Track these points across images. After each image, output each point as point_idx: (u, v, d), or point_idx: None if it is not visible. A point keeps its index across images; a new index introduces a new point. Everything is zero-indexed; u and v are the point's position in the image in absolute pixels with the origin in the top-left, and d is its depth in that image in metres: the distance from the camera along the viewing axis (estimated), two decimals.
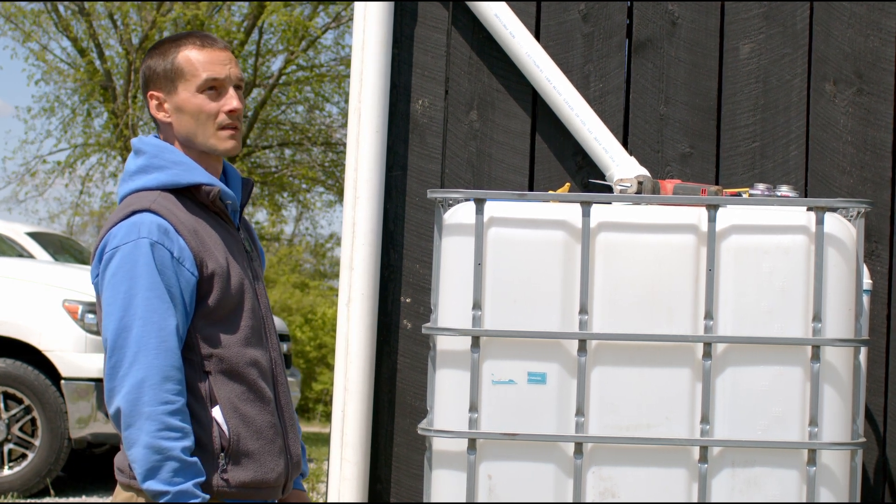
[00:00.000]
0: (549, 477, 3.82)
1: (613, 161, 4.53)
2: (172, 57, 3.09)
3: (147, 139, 3.11)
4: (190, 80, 3.07)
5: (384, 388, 4.75)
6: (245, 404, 2.99)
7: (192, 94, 3.07)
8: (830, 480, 3.78)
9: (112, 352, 2.89)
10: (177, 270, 2.93)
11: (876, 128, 4.65)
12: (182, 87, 3.07)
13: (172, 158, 3.05)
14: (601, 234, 3.83)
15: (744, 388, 3.78)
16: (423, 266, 4.73)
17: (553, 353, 3.82)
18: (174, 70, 3.08)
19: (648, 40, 4.74)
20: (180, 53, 3.08)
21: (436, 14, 4.82)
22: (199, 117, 3.07)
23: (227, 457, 2.95)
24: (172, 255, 2.94)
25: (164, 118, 3.09)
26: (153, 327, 2.88)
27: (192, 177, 3.04)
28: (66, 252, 11.21)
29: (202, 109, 3.07)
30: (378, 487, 4.73)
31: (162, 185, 3.02)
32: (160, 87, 3.08)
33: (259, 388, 3.03)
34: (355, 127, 4.72)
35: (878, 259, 4.62)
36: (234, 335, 3.01)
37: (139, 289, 2.90)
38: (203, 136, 3.07)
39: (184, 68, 3.07)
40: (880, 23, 4.68)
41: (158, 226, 2.94)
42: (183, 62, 3.08)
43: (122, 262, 2.92)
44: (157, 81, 3.09)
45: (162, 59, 3.09)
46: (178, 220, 2.97)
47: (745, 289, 3.79)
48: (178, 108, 3.07)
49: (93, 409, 8.66)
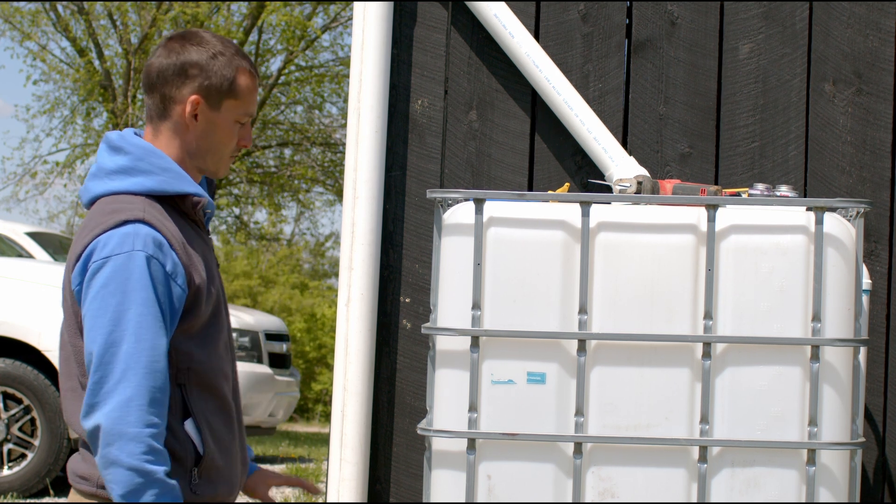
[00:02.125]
0: (549, 477, 3.82)
1: (613, 161, 4.53)
2: (232, 73, 2.93)
3: (129, 137, 2.94)
4: (238, 106, 2.94)
5: (384, 388, 4.75)
6: (215, 418, 2.92)
7: (231, 120, 2.94)
8: (830, 480, 3.78)
9: (98, 366, 2.75)
10: (170, 286, 2.81)
11: (875, 128, 4.65)
12: (227, 107, 2.93)
13: (161, 164, 2.89)
14: (600, 234, 3.83)
15: (743, 387, 3.78)
16: (422, 266, 4.73)
17: (552, 353, 3.82)
18: (231, 88, 2.93)
19: (648, 40, 4.74)
20: (239, 73, 2.94)
21: (435, 14, 4.82)
22: (223, 143, 2.95)
23: (198, 472, 2.88)
24: (166, 270, 2.81)
25: (189, 124, 2.92)
26: (145, 345, 2.76)
27: (181, 186, 2.90)
28: (65, 252, 11.21)
29: (230, 139, 2.95)
30: (377, 487, 4.73)
31: (147, 191, 2.87)
32: (205, 95, 2.91)
33: (228, 403, 2.97)
34: (355, 127, 4.72)
35: (878, 259, 4.62)
36: (210, 348, 2.93)
37: (132, 303, 2.76)
38: (213, 160, 2.96)
39: (239, 92, 2.93)
40: (879, 23, 4.68)
41: (154, 239, 2.80)
42: (242, 85, 2.94)
43: (113, 273, 2.77)
44: (205, 88, 2.91)
45: (222, 68, 2.92)
46: (169, 233, 2.84)
47: (745, 289, 3.79)
48: (210, 124, 2.93)
49: None
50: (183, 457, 2.84)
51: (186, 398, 2.87)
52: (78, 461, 2.89)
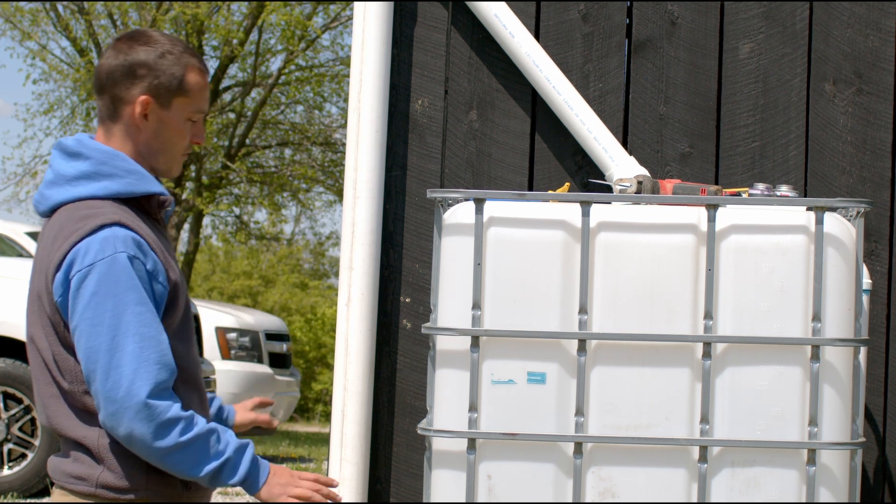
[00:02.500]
0: (549, 477, 3.82)
1: (613, 161, 4.53)
2: (181, 71, 2.94)
3: (87, 142, 2.93)
4: (188, 104, 2.95)
5: (384, 388, 4.75)
6: (199, 411, 2.94)
7: (182, 118, 2.95)
8: (830, 480, 3.78)
9: (107, 373, 2.75)
10: (153, 285, 2.83)
11: (875, 128, 4.65)
12: (177, 105, 2.94)
13: (125, 167, 2.89)
14: (601, 233, 3.83)
15: (743, 387, 3.78)
16: (422, 266, 4.73)
17: (553, 353, 3.82)
18: (181, 86, 2.94)
19: (648, 40, 4.74)
20: (188, 71, 2.95)
21: (435, 14, 4.82)
22: (174, 142, 2.96)
23: None
24: (147, 269, 2.82)
25: (139, 124, 2.93)
26: (150, 343, 2.78)
27: (148, 186, 2.91)
28: None
29: (181, 137, 2.96)
30: (378, 487, 4.73)
31: (114, 195, 2.87)
32: (154, 94, 2.92)
33: (204, 395, 3.00)
34: (355, 127, 4.72)
35: (878, 259, 4.62)
36: (188, 342, 2.95)
37: (127, 304, 2.77)
38: (165, 159, 2.96)
39: (189, 90, 2.94)
40: (880, 23, 4.68)
41: (133, 239, 2.81)
42: (192, 83, 2.95)
43: (101, 279, 2.77)
44: (155, 87, 2.92)
45: (171, 67, 2.93)
46: (144, 233, 2.86)
47: (745, 288, 3.79)
48: (161, 123, 2.94)
49: None
50: None
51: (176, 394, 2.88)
52: (68, 462, 2.88)
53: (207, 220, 22.85)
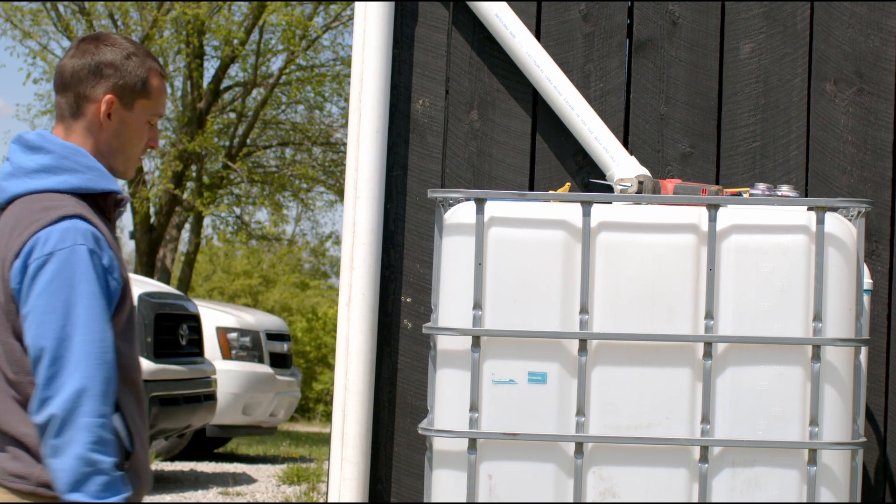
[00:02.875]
0: (550, 477, 3.82)
1: (614, 161, 4.53)
2: (145, 73, 3.00)
3: (49, 137, 2.97)
4: (150, 107, 3.01)
5: (385, 388, 4.75)
6: (136, 412, 2.95)
7: (143, 120, 3.01)
8: (831, 480, 3.78)
9: (51, 361, 2.77)
10: (108, 280, 2.86)
11: (876, 128, 4.65)
12: (139, 107, 2.99)
13: (86, 163, 2.93)
14: (602, 233, 3.83)
15: (744, 387, 3.78)
16: (423, 266, 4.73)
17: (553, 353, 3.82)
18: (144, 88, 3.00)
19: (649, 40, 4.74)
20: (151, 74, 3.01)
21: (436, 14, 4.82)
22: (133, 143, 3.01)
23: (128, 466, 2.90)
24: (103, 264, 2.85)
25: (102, 123, 2.97)
26: (95, 337, 2.80)
27: (106, 184, 2.94)
28: None
29: (140, 139, 3.01)
30: (378, 487, 4.73)
31: (73, 189, 2.90)
32: (119, 94, 2.97)
33: (142, 395, 3.00)
34: (356, 127, 4.72)
35: (879, 259, 4.62)
36: (130, 344, 2.97)
37: (80, 296, 2.79)
38: (123, 159, 3.00)
39: (151, 92, 3.01)
40: (881, 23, 4.68)
41: (92, 234, 2.85)
42: (154, 86, 3.01)
43: (59, 268, 2.80)
44: (120, 87, 2.97)
45: (136, 68, 2.99)
46: (101, 229, 2.89)
47: (746, 288, 3.79)
48: (123, 124, 2.99)
49: None
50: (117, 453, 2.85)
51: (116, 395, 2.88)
52: (8, 460, 2.88)
53: (208, 220, 22.85)
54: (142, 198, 20.00)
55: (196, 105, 20.26)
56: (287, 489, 9.88)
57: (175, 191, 19.91)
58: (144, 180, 20.36)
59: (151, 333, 9.29)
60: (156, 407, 9.12)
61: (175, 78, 20.95)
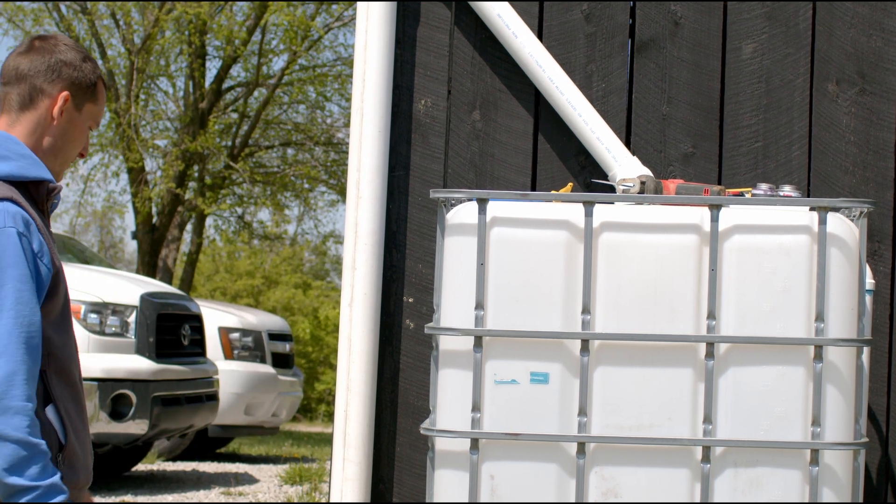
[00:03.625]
0: (552, 477, 3.82)
1: (616, 161, 4.53)
2: (96, 78, 3.06)
3: None
4: (94, 112, 3.06)
5: (387, 388, 4.75)
6: (70, 404, 2.95)
7: (86, 124, 3.06)
8: (833, 480, 3.78)
9: None
10: (38, 265, 2.86)
11: (878, 128, 4.65)
12: (87, 111, 3.05)
13: (18, 150, 2.95)
14: (604, 234, 3.83)
15: (746, 388, 3.78)
16: (425, 266, 4.73)
17: (556, 353, 3.82)
18: (94, 93, 3.06)
19: (651, 40, 4.74)
20: (99, 81, 3.07)
21: (438, 14, 4.82)
22: (74, 145, 3.05)
23: (62, 458, 2.90)
24: (33, 248, 2.86)
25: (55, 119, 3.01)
26: (24, 321, 2.81)
27: (38, 172, 2.97)
28: (68, 252, 11.21)
29: (80, 142, 3.06)
30: (380, 487, 4.73)
31: (5, 176, 2.92)
32: (73, 94, 3.03)
33: (79, 390, 3.00)
34: (358, 127, 4.73)
35: (881, 259, 4.62)
36: (65, 334, 2.97)
37: (8, 279, 2.80)
38: (61, 160, 3.04)
39: (98, 98, 3.07)
40: (883, 23, 4.68)
41: (23, 217, 2.86)
42: (101, 93, 3.07)
43: None
44: (75, 87, 3.02)
45: (90, 72, 3.05)
46: (32, 214, 2.90)
47: (748, 289, 3.79)
48: (70, 123, 3.04)
49: (95, 409, 8.66)
50: (49, 443, 2.86)
51: (47, 384, 2.90)
52: None
53: (210, 220, 22.86)
54: (144, 198, 20.00)
55: (198, 105, 20.26)
56: (289, 489, 9.88)
57: (177, 191, 19.92)
58: (146, 180, 20.36)
59: (153, 333, 9.29)
60: (158, 407, 9.12)
61: (177, 78, 20.97)
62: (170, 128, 21.11)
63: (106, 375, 8.81)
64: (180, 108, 20.88)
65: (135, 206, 20.44)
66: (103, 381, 8.74)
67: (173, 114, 21.05)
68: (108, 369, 8.84)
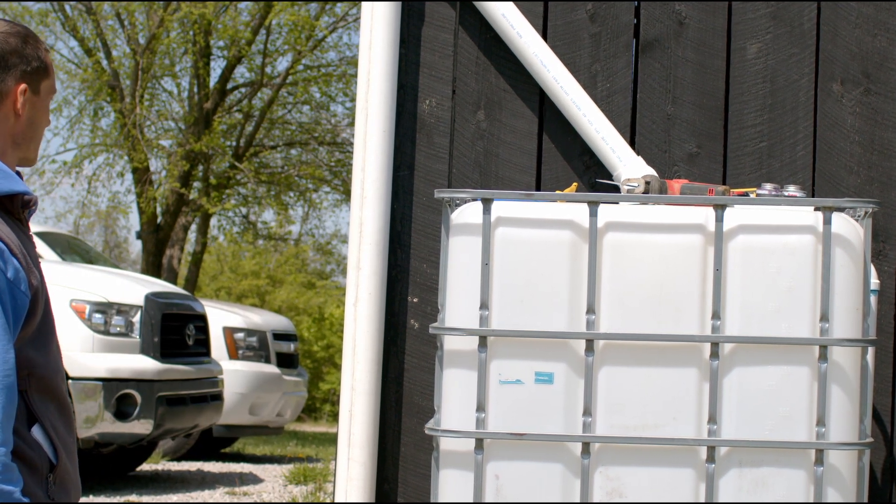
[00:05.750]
0: (557, 477, 3.83)
1: (621, 161, 4.53)
2: (42, 53, 2.84)
3: None
4: (49, 86, 2.86)
5: (391, 388, 4.75)
6: (58, 421, 2.80)
7: (47, 102, 2.86)
8: (838, 480, 3.78)
9: None
10: (13, 294, 2.64)
11: (883, 128, 4.65)
12: (44, 89, 2.84)
13: None
14: (608, 234, 3.83)
15: (751, 388, 3.78)
16: (430, 266, 4.74)
17: (560, 353, 3.82)
18: (45, 68, 2.84)
19: (656, 40, 4.74)
20: (44, 52, 2.84)
21: (443, 14, 4.82)
22: (41, 127, 2.86)
23: (53, 478, 2.76)
24: (8, 277, 2.63)
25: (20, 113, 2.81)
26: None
27: (11, 185, 2.76)
28: (73, 252, 11.22)
29: (46, 120, 2.87)
30: (385, 487, 4.73)
31: None
32: (28, 81, 2.81)
33: (66, 403, 2.85)
34: (362, 127, 4.73)
35: (886, 259, 4.62)
36: (46, 349, 2.79)
37: None
38: (34, 146, 2.86)
39: (49, 71, 2.85)
40: (888, 23, 4.68)
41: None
42: (48, 63, 2.86)
43: None
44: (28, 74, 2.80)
45: (32, 49, 2.82)
46: (6, 237, 2.68)
47: (753, 289, 3.79)
48: (34, 109, 2.83)
49: (100, 409, 8.67)
50: (39, 465, 2.74)
51: (30, 404, 2.74)
52: None
53: (214, 220, 22.86)
54: (148, 198, 20.01)
55: (203, 105, 20.27)
56: (294, 489, 9.89)
57: (182, 191, 19.92)
58: (151, 180, 20.38)
59: (158, 333, 9.30)
60: (162, 407, 9.12)
61: (182, 78, 20.98)
62: (174, 128, 21.12)
63: (110, 375, 8.82)
64: (185, 109, 20.89)
65: (139, 206, 20.45)
66: (108, 380, 8.75)
67: (178, 114, 21.05)
68: (112, 369, 8.85)
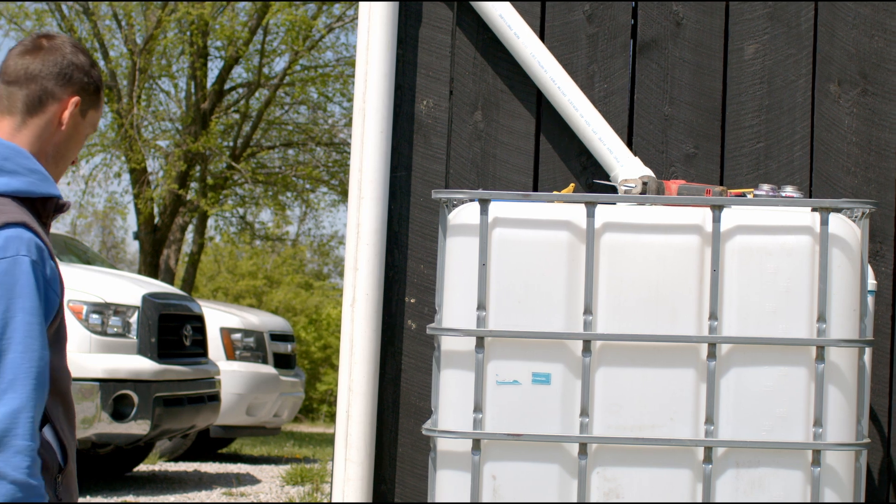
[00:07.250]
0: (554, 477, 3.83)
1: (618, 161, 4.53)
2: (101, 84, 2.95)
3: None
4: (94, 119, 2.94)
5: (388, 389, 4.75)
6: (64, 422, 2.83)
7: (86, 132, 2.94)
8: (835, 481, 3.78)
9: None
10: (48, 293, 2.71)
11: (880, 128, 4.65)
12: (89, 117, 2.92)
13: (28, 165, 2.79)
14: (606, 234, 3.83)
15: (748, 388, 3.78)
16: (427, 266, 4.74)
17: (557, 354, 3.82)
18: (98, 99, 2.94)
19: (653, 41, 4.74)
20: (102, 87, 2.95)
21: (440, 14, 4.82)
22: (73, 152, 2.92)
23: (62, 479, 2.79)
24: (45, 276, 2.71)
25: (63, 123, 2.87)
26: (33, 355, 2.66)
27: (48, 188, 2.81)
28: (70, 252, 11.21)
29: (79, 148, 2.94)
30: (382, 488, 4.73)
31: (13, 192, 2.76)
32: (84, 99, 2.90)
33: (72, 406, 2.88)
34: (360, 127, 4.73)
35: (883, 260, 4.62)
36: (61, 353, 2.83)
37: (18, 310, 2.65)
38: (61, 169, 2.92)
39: (100, 105, 2.95)
40: (885, 23, 4.68)
41: (36, 244, 2.70)
42: (102, 98, 2.96)
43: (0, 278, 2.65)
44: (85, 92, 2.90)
45: (98, 78, 2.93)
46: (43, 237, 2.75)
47: (750, 289, 3.79)
48: (75, 129, 2.91)
49: (97, 410, 8.67)
50: (50, 466, 2.76)
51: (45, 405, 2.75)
52: None
53: (211, 220, 22.86)
54: (146, 198, 20.01)
55: (200, 105, 20.27)
56: (291, 490, 9.89)
57: (179, 191, 19.92)
58: (148, 181, 20.37)
59: (155, 334, 9.30)
60: (160, 407, 9.12)
61: (179, 78, 20.98)
62: (171, 128, 21.12)
63: (108, 376, 8.82)
64: (182, 109, 20.89)
65: (136, 207, 20.45)
66: (105, 381, 8.74)
67: (175, 114, 21.05)
68: (109, 370, 8.85)
